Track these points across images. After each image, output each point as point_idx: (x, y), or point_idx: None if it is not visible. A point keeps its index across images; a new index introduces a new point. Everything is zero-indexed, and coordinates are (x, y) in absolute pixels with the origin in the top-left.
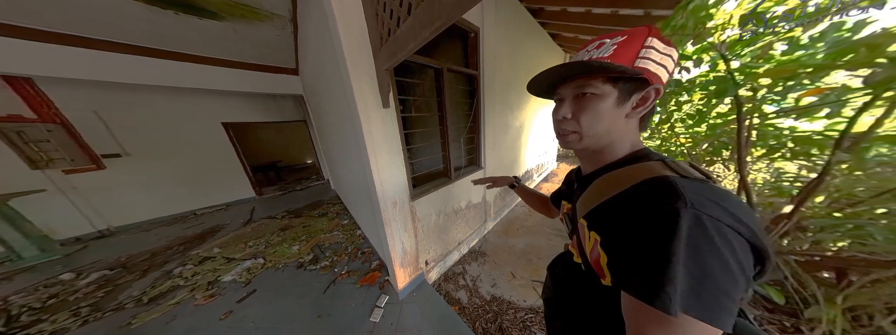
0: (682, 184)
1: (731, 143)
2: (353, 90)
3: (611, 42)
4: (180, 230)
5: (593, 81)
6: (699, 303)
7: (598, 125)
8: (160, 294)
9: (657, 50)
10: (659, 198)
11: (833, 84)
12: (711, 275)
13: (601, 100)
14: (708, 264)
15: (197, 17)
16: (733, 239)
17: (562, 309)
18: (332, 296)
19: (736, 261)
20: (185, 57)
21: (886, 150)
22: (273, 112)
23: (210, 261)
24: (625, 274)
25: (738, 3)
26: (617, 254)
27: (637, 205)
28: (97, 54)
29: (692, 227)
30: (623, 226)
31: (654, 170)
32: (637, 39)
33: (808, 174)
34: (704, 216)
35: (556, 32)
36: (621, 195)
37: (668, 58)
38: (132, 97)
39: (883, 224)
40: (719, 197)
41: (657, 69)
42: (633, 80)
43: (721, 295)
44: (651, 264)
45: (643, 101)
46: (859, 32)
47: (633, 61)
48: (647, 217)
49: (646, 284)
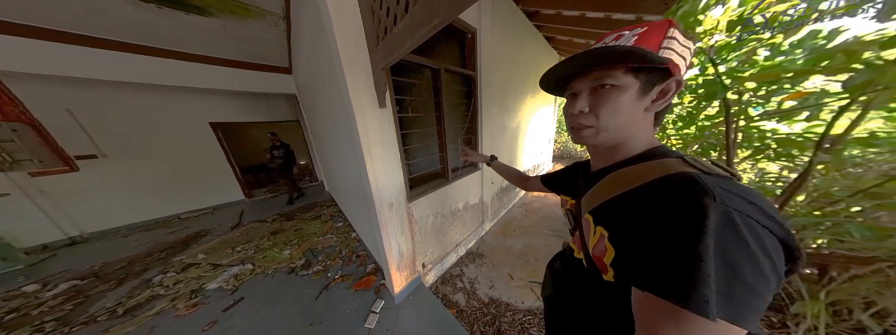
0: (707, 180)
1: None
2: (349, 89)
3: (631, 33)
4: (162, 235)
5: (614, 72)
6: (730, 305)
7: (617, 119)
8: (138, 304)
9: (679, 41)
10: (683, 193)
11: (812, 88)
12: (742, 276)
13: (622, 92)
14: (739, 264)
15: (182, 12)
16: (765, 236)
17: (561, 305)
18: (324, 303)
19: (768, 259)
20: (170, 53)
21: (859, 151)
22: (264, 112)
23: (194, 267)
24: (640, 270)
25: (724, 9)
26: (631, 249)
27: (658, 201)
28: (69, 49)
29: (722, 224)
30: (641, 222)
31: (674, 167)
32: (659, 30)
33: (790, 174)
34: (734, 212)
35: (552, 35)
36: (636, 191)
37: (688, 50)
38: (111, 95)
39: (859, 222)
40: (747, 193)
41: (679, 60)
42: (655, 71)
43: (752, 296)
44: (675, 261)
45: (663, 93)
46: (834, 40)
47: (657, 50)
48: (671, 213)
49: (675, 285)
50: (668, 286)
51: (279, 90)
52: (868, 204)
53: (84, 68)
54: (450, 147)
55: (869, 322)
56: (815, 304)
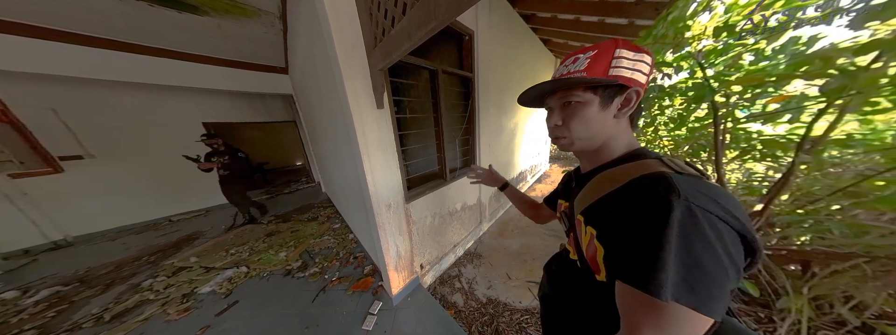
0: (677, 179)
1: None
2: (346, 90)
3: (584, 56)
4: (152, 238)
5: (575, 91)
6: (691, 293)
7: (587, 129)
8: (126, 310)
9: (627, 58)
10: (654, 191)
11: (794, 92)
12: (702, 264)
13: (585, 106)
14: (699, 254)
15: (175, 10)
16: (724, 230)
17: (557, 306)
18: (321, 305)
19: (726, 252)
20: (162, 52)
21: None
22: (260, 112)
23: (186, 271)
24: (619, 263)
25: (711, 15)
26: (612, 245)
27: (633, 198)
28: (54, 46)
29: (684, 218)
30: (619, 218)
31: (650, 167)
32: (607, 52)
33: (775, 174)
34: (696, 207)
35: (548, 38)
36: (618, 190)
37: (641, 63)
38: (99, 94)
39: (838, 219)
40: (712, 191)
41: (632, 74)
42: (611, 87)
43: (712, 284)
44: (643, 252)
45: (626, 102)
46: (813, 46)
47: (607, 70)
48: (641, 208)
49: (638, 271)
50: (634, 274)
51: (275, 90)
52: (846, 202)
53: (69, 66)
54: (448, 148)
55: (848, 315)
56: (799, 299)
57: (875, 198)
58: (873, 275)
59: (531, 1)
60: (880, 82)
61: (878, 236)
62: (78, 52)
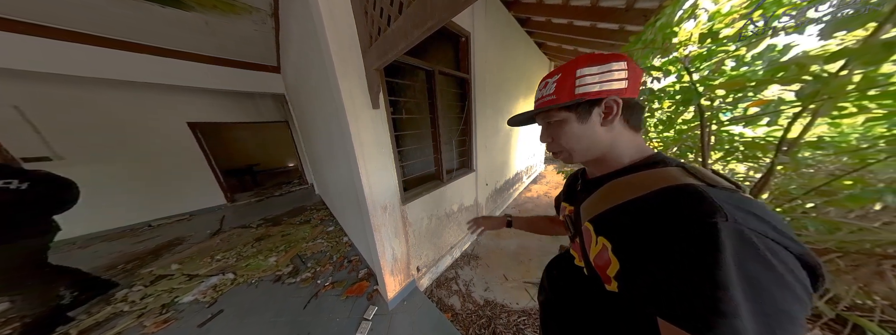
0: (716, 195)
1: (695, 147)
2: (341, 90)
3: (552, 81)
4: (128, 245)
5: (551, 112)
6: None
7: (577, 142)
8: (96, 324)
9: (591, 74)
10: (690, 209)
11: (772, 96)
12: (773, 300)
13: (565, 123)
14: (768, 288)
15: (156, 3)
16: (784, 255)
17: (559, 312)
18: (313, 312)
19: (797, 281)
20: (141, 47)
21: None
22: (250, 112)
23: (166, 279)
24: (663, 298)
25: (696, 23)
26: (640, 268)
27: (665, 216)
28: (16, 38)
29: (739, 246)
30: (646, 237)
31: (675, 178)
32: (569, 74)
33: (756, 174)
34: (748, 231)
35: (542, 42)
36: (637, 202)
37: (611, 71)
38: (69, 91)
39: (813, 216)
40: (756, 208)
41: (602, 86)
42: (584, 102)
43: (787, 322)
44: (702, 292)
45: (608, 111)
46: (787, 53)
47: (572, 91)
48: (681, 233)
49: (698, 317)
50: (693, 316)
51: (266, 90)
52: (819, 200)
53: (33, 61)
54: (444, 149)
55: (824, 308)
56: None
57: (844, 197)
58: (846, 270)
59: (526, 5)
60: (847, 88)
61: (848, 232)
62: (44, 45)
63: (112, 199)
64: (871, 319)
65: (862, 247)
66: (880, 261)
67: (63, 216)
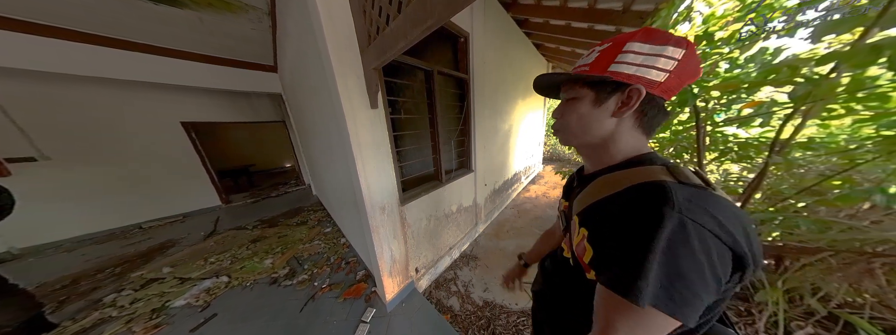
0: (676, 190)
1: (690, 147)
2: (339, 90)
3: (598, 48)
4: (118, 248)
5: (574, 86)
6: (669, 300)
7: (579, 125)
8: (82, 330)
9: (637, 52)
10: (649, 201)
11: (764, 98)
12: (685, 276)
13: (579, 101)
14: (683, 266)
15: (151, 1)
16: (713, 245)
17: (548, 301)
18: (310, 315)
19: (711, 265)
20: (134, 45)
21: (800, 154)
22: (246, 111)
23: (157, 283)
24: (603, 266)
25: (690, 25)
26: (600, 248)
27: (628, 205)
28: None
29: (674, 230)
30: (611, 223)
31: (652, 174)
32: (617, 45)
33: (749, 175)
34: (689, 221)
35: (540, 43)
36: (615, 195)
37: (658, 57)
38: (57, 90)
39: (804, 216)
40: (710, 203)
41: (637, 70)
42: (608, 83)
43: (691, 295)
44: (628, 259)
45: (627, 100)
46: (778, 56)
47: (606, 67)
48: (634, 217)
49: (620, 277)
50: (614, 278)
51: (263, 89)
52: (810, 200)
53: (17, 58)
54: (443, 149)
55: (817, 306)
56: (775, 292)
57: (834, 196)
58: (837, 268)
59: (524, 6)
60: (836, 90)
61: (838, 231)
62: (30, 42)
63: (101, 201)
64: (861, 316)
65: (852, 245)
66: (870, 259)
67: (51, 218)
